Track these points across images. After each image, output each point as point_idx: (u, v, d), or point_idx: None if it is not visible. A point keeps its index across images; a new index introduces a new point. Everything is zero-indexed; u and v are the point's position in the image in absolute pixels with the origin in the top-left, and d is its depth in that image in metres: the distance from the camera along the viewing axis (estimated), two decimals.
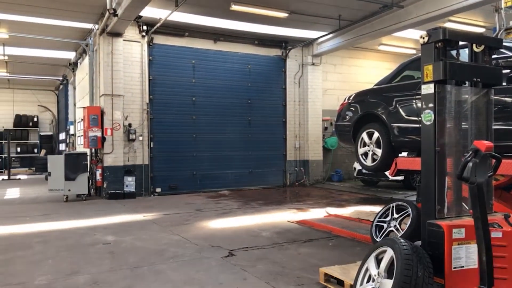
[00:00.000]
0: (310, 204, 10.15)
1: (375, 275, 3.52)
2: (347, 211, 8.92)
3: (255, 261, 5.26)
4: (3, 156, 21.49)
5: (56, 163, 10.82)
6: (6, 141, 20.26)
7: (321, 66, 14.74)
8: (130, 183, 11.39)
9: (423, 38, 3.70)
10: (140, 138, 11.84)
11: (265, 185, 13.79)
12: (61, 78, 20.15)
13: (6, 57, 15.76)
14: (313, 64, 14.51)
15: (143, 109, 11.95)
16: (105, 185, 11.34)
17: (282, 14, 11.10)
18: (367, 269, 3.67)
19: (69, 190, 10.70)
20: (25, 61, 17.08)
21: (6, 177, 18.14)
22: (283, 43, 14.17)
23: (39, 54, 16.19)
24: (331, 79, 15.37)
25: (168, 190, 12.19)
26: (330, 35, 13.13)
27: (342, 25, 11.99)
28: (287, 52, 14.26)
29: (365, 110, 6.29)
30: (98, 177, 11.36)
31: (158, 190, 12.09)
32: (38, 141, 23.03)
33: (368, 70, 15.93)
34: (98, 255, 5.64)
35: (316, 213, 8.80)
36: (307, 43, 14.18)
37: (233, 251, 5.71)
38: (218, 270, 4.94)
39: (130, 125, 11.69)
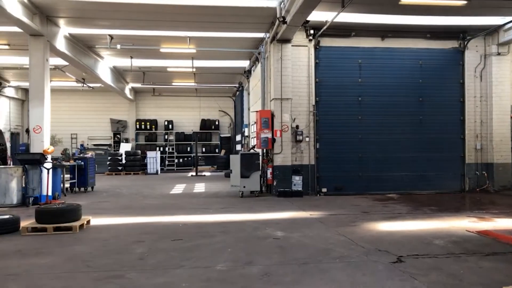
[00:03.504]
0: (495, 213, 8.94)
1: None
2: None
3: (427, 270, 4.90)
4: (191, 155, 24.79)
5: (235, 162, 11.98)
6: (194, 142, 23.35)
7: (509, 55, 12.87)
8: (297, 182, 11.86)
9: None
10: (307, 139, 12.22)
11: (438, 189, 12.68)
12: (237, 85, 22.19)
13: (194, 69, 18.16)
14: (498, 54, 12.77)
15: (309, 111, 12.31)
16: (275, 183, 12.05)
17: (459, 2, 10.07)
18: None
19: (244, 187, 11.72)
20: (208, 71, 19.42)
21: (194, 173, 20.87)
22: (460, 33, 12.82)
23: (219, 64, 18.22)
24: None
25: (334, 191, 12.27)
26: None
27: None
28: (465, 43, 12.86)
29: None
30: (269, 175, 12.15)
31: (324, 190, 12.28)
32: (219, 142, 25.87)
33: None
34: (269, 248, 6.04)
35: (502, 224, 7.71)
36: (491, 31, 12.52)
37: (402, 257, 5.43)
38: (385, 275, 4.77)
39: (297, 126, 12.16)
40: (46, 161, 10.72)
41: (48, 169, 10.59)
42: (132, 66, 17.34)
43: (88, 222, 7.80)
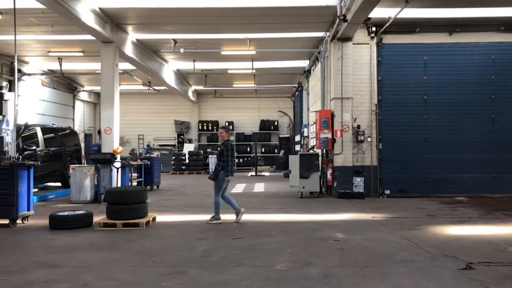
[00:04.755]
0: None
1: None
2: None
3: (500, 279, 4.59)
4: (251, 155, 25.09)
5: (294, 163, 11.96)
6: (253, 142, 23.63)
7: None
8: (358, 183, 11.59)
9: None
10: (369, 139, 11.91)
11: None
12: (297, 85, 22.14)
13: (254, 71, 18.37)
14: None
15: (371, 110, 11.99)
16: (335, 184, 11.88)
17: None
18: None
19: (303, 188, 11.67)
20: (268, 72, 19.55)
21: (253, 173, 21.12)
22: None
23: (279, 65, 18.28)
24: None
25: (397, 193, 11.84)
26: None
27: None
28: None
29: None
30: (329, 176, 11.99)
31: (387, 192, 11.89)
32: (278, 143, 25.96)
33: None
34: (328, 249, 5.97)
35: None
36: None
37: (472, 264, 5.13)
38: (453, 282, 4.54)
39: (358, 126, 11.90)
40: (116, 160, 11.37)
41: (117, 168, 11.24)
42: (195, 69, 17.89)
43: (154, 219, 8.17)
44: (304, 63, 18.06)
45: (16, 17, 9.53)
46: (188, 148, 24.67)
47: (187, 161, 22.93)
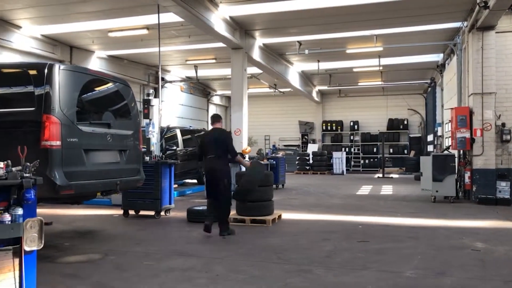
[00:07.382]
0: None
1: None
2: None
3: None
4: (378, 156, 24.14)
5: (426, 164, 11.18)
6: (380, 142, 22.72)
7: None
8: (503, 188, 10.34)
9: None
10: None
11: None
12: (429, 81, 20.62)
13: (381, 68, 17.66)
14: None
15: None
16: (474, 189, 10.78)
17: None
18: None
19: (437, 191, 10.82)
20: (396, 69, 18.62)
21: (380, 175, 20.29)
22: None
23: (407, 60, 17.30)
24: None
25: None
26: None
27: None
28: None
29: None
30: (467, 180, 10.92)
31: None
32: (408, 143, 24.51)
33: None
34: (465, 259, 5.46)
35: None
36: None
37: None
38: None
39: (503, 124, 10.61)
40: (245, 160, 11.98)
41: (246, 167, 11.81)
42: (319, 70, 17.91)
43: (280, 216, 8.42)
44: (437, 57, 16.76)
45: (160, 31, 10.76)
46: (312, 148, 24.79)
47: (311, 161, 23.03)
